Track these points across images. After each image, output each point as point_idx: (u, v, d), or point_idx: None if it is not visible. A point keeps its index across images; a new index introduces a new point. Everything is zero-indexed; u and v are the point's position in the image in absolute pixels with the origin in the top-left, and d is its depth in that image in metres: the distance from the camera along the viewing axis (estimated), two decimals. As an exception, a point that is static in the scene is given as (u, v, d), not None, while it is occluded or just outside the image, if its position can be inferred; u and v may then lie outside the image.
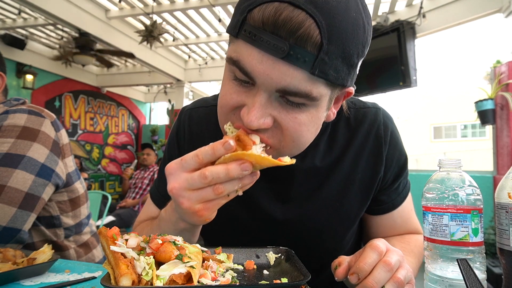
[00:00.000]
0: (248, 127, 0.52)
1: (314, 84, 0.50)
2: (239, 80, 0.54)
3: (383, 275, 0.51)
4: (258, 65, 0.49)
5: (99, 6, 4.28)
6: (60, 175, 0.99)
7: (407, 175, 0.83)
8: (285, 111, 0.53)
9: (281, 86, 0.50)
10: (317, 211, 0.75)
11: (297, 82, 0.49)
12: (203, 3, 4.00)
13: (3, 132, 0.92)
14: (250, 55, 0.50)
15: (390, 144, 0.75)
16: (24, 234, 0.89)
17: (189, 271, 0.48)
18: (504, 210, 0.52)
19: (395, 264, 0.52)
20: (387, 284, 0.51)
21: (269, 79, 0.50)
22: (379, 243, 0.54)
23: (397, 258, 0.53)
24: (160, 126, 7.68)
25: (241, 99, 0.54)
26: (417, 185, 3.62)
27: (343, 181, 0.74)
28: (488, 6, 3.41)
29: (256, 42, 0.48)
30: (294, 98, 0.52)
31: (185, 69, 6.47)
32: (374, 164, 0.74)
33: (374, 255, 0.53)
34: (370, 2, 4.07)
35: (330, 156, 0.74)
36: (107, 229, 0.53)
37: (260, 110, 0.51)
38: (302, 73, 0.49)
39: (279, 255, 0.67)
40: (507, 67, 3.24)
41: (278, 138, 0.56)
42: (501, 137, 3.35)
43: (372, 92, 4.31)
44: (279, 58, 0.48)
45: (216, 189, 0.49)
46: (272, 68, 0.49)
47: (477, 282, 0.47)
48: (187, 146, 0.81)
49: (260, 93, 0.52)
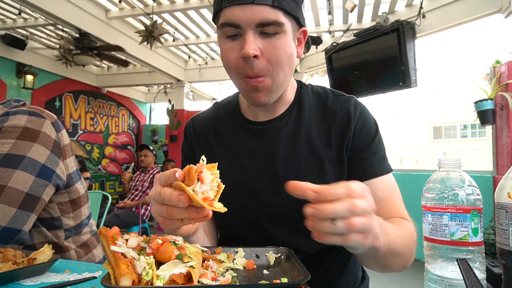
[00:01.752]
0: (246, 55, 0.70)
1: (277, 13, 0.71)
2: (230, 36, 0.74)
3: (343, 212, 0.46)
4: (239, 14, 0.70)
5: (99, 6, 4.28)
6: (60, 176, 0.99)
7: (380, 152, 0.85)
8: (265, 41, 0.72)
9: (258, 20, 0.70)
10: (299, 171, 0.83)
11: (267, 14, 0.70)
12: (203, 3, 4.01)
13: (4, 133, 0.92)
14: (232, 12, 0.70)
15: (360, 117, 0.84)
16: (24, 235, 0.89)
17: (189, 271, 0.49)
18: (504, 210, 0.52)
19: (359, 210, 0.47)
20: (340, 221, 0.46)
21: (249, 19, 0.70)
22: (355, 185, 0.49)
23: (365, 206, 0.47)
24: (161, 126, 7.68)
25: (237, 50, 0.74)
26: (417, 185, 3.62)
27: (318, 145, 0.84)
28: (488, 6, 3.41)
29: (233, 2, 0.70)
30: (269, 28, 0.71)
31: (185, 69, 6.48)
32: (345, 132, 0.83)
33: (344, 190, 0.47)
34: (370, 2, 4.07)
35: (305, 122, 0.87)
36: (107, 229, 0.53)
37: (251, 43, 0.70)
38: (267, 8, 0.70)
39: (279, 255, 0.67)
40: (506, 67, 3.24)
41: (266, 65, 0.73)
42: (500, 137, 3.35)
43: (372, 92, 4.31)
44: (250, 3, 0.69)
45: (167, 209, 0.54)
46: (248, 11, 0.69)
47: (477, 282, 0.47)
48: (194, 143, 0.96)
49: (247, 32, 0.71)
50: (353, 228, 0.47)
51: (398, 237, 0.65)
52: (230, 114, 0.94)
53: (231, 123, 0.93)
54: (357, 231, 0.48)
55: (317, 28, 4.72)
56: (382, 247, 0.56)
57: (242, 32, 0.72)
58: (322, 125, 0.85)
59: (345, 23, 4.58)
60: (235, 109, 0.94)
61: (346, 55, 4.41)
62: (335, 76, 4.63)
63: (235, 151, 0.89)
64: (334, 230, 0.47)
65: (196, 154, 0.95)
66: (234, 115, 0.93)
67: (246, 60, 0.72)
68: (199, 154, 0.93)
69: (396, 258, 0.66)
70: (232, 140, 0.91)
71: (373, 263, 0.68)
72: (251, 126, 0.89)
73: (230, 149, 0.90)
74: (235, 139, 0.90)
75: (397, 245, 0.64)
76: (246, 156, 0.87)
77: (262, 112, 0.88)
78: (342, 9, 4.14)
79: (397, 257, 0.66)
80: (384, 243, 0.57)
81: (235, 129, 0.91)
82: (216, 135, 0.93)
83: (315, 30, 4.72)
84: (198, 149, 0.94)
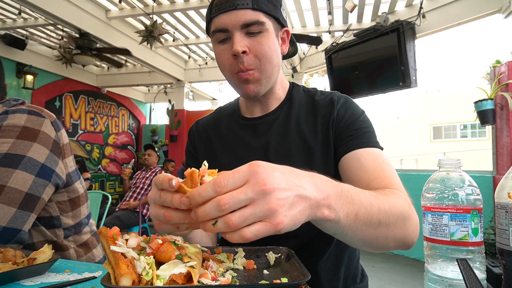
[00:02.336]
0: (235, 52, 0.80)
1: (257, 14, 0.81)
2: (222, 41, 0.84)
3: (212, 212, 0.43)
4: (225, 20, 0.81)
5: (99, 6, 4.28)
6: (60, 175, 0.99)
7: (366, 129, 0.86)
8: (251, 40, 0.82)
9: (242, 22, 0.80)
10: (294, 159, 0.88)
11: (248, 16, 0.80)
12: (203, 4, 4.01)
13: (3, 132, 0.92)
14: (219, 19, 0.82)
15: (343, 104, 0.90)
16: (24, 234, 0.89)
17: (189, 271, 0.49)
18: (504, 210, 0.52)
19: (233, 204, 0.42)
20: (219, 221, 0.43)
21: (234, 22, 0.80)
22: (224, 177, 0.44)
23: (242, 197, 0.43)
24: (160, 126, 7.68)
25: (228, 51, 0.83)
26: (417, 185, 3.62)
27: (308, 132, 0.91)
28: (488, 6, 3.42)
29: (219, 11, 0.81)
30: (253, 28, 0.81)
31: (185, 69, 6.48)
32: (329, 117, 0.89)
33: (211, 190, 0.44)
34: (370, 2, 4.07)
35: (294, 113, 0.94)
36: (107, 229, 0.53)
37: (238, 42, 0.80)
38: (249, 11, 0.80)
39: (279, 255, 0.67)
40: (506, 67, 3.24)
41: (254, 60, 0.83)
42: (500, 137, 3.35)
43: (372, 92, 4.31)
44: (233, 9, 0.80)
45: (165, 213, 0.51)
46: (233, 16, 0.80)
47: (477, 282, 0.47)
48: (197, 143, 1.04)
49: (234, 34, 0.81)
50: (232, 225, 0.42)
51: (376, 205, 0.58)
52: (230, 115, 1.03)
53: (230, 121, 1.02)
54: (237, 226, 0.43)
55: (317, 28, 4.72)
56: (342, 219, 0.52)
57: (230, 35, 0.82)
58: (310, 115, 0.93)
59: (345, 23, 4.58)
60: (235, 110, 1.03)
61: (346, 55, 4.41)
62: (335, 76, 4.63)
63: (232, 144, 0.97)
64: (217, 231, 0.44)
65: (198, 153, 1.03)
66: (234, 116, 1.02)
67: (236, 57, 0.81)
68: (201, 152, 1.02)
69: (377, 228, 0.59)
70: (230, 135, 0.99)
71: (348, 238, 0.60)
72: (247, 122, 0.98)
73: (228, 143, 0.98)
74: (233, 134, 0.99)
75: (372, 213, 0.57)
76: (243, 147, 0.95)
77: (257, 109, 0.97)
78: (342, 9, 4.14)
79: (378, 227, 0.59)
80: (347, 212, 0.53)
81: (233, 126, 1.00)
82: (216, 133, 1.02)
83: (315, 30, 4.72)
84: (201, 148, 1.03)
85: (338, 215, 0.52)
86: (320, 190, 0.49)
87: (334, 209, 0.51)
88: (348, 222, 0.54)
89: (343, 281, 0.91)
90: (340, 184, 0.55)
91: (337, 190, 0.53)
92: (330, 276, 0.89)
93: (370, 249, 0.66)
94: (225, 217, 0.43)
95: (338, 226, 0.54)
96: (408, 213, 0.66)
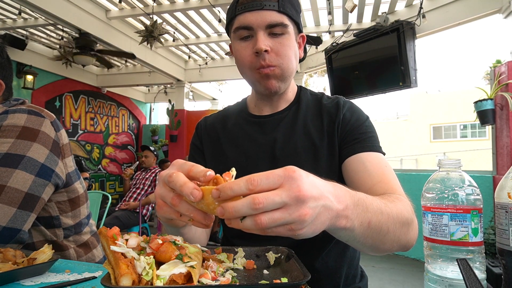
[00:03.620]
0: (259, 50, 0.83)
1: (282, 17, 0.85)
2: (243, 38, 0.87)
3: (243, 209, 0.42)
4: (251, 18, 0.84)
5: (99, 6, 4.28)
6: (60, 175, 0.99)
7: (370, 134, 0.89)
8: (273, 40, 0.85)
9: (267, 22, 0.83)
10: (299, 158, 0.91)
11: (274, 17, 0.84)
12: (203, 4, 4.01)
13: (3, 132, 0.92)
14: (245, 17, 0.85)
15: (348, 108, 0.94)
16: (24, 234, 0.89)
17: (189, 271, 0.49)
18: (504, 210, 0.52)
19: (266, 205, 0.42)
20: (247, 219, 0.43)
21: (260, 21, 0.83)
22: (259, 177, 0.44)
23: (277, 200, 0.42)
24: (161, 126, 7.67)
25: (250, 48, 0.86)
26: (417, 185, 3.62)
27: (314, 132, 0.93)
28: (488, 6, 3.41)
29: (245, 9, 0.84)
30: (276, 29, 0.84)
31: (185, 69, 6.48)
32: (334, 120, 0.92)
33: (243, 186, 0.43)
34: (370, 2, 4.07)
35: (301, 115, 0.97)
36: (107, 229, 0.53)
37: (262, 41, 0.83)
38: (274, 12, 0.84)
39: (279, 255, 0.67)
40: (506, 67, 3.24)
41: (276, 58, 0.86)
42: (500, 137, 3.35)
43: (372, 92, 4.31)
44: (260, 9, 0.83)
45: (173, 198, 0.50)
46: (259, 15, 0.83)
47: (477, 282, 0.47)
48: (204, 137, 1.06)
49: (258, 32, 0.84)
50: (260, 225, 0.42)
51: (385, 213, 0.60)
52: (238, 112, 1.06)
53: (238, 118, 1.04)
54: (266, 226, 0.43)
55: (317, 28, 4.72)
56: (357, 227, 0.53)
57: (254, 33, 0.85)
58: (316, 117, 0.96)
59: (345, 23, 4.58)
60: (243, 108, 1.06)
61: (346, 55, 4.41)
62: (335, 76, 4.63)
63: (239, 139, 0.99)
64: (243, 228, 0.44)
65: (204, 147, 1.05)
66: (242, 113, 1.05)
67: (258, 54, 0.84)
68: (207, 145, 1.04)
69: (386, 235, 0.61)
70: (237, 130, 1.01)
71: (358, 244, 0.61)
72: (255, 119, 1.00)
73: (235, 138, 1.00)
74: (240, 130, 1.01)
75: (382, 221, 0.59)
76: (249, 143, 0.97)
77: (267, 108, 1.00)
78: (342, 9, 4.14)
79: (387, 233, 0.61)
80: (361, 221, 0.54)
81: (241, 122, 1.02)
82: (224, 129, 1.04)
83: (315, 30, 4.72)
84: (208, 142, 1.05)
85: (353, 224, 0.53)
86: (341, 201, 0.50)
87: (351, 218, 0.52)
88: (361, 230, 0.55)
89: (344, 280, 0.92)
90: (357, 193, 0.56)
91: (354, 200, 0.54)
92: (331, 273, 0.90)
93: (375, 252, 0.68)
94: (255, 216, 0.43)
95: (352, 234, 0.55)
96: (411, 219, 0.68)
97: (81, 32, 4.20)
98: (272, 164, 0.92)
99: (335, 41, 4.54)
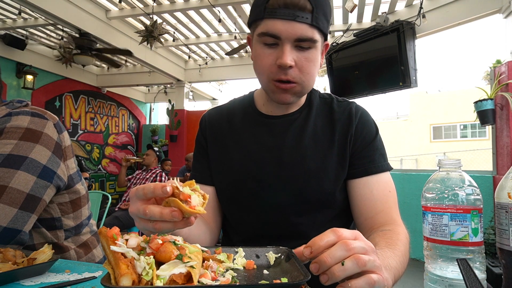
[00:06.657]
0: (283, 65, 0.78)
1: (313, 32, 0.79)
2: (268, 44, 0.81)
3: (339, 252, 0.46)
4: (280, 27, 0.77)
5: (99, 6, 4.28)
6: (61, 177, 0.99)
7: (381, 150, 0.92)
8: (299, 54, 0.80)
9: (297, 36, 0.78)
10: None
11: (305, 31, 0.78)
12: (203, 4, 4.01)
13: (6, 134, 0.92)
14: (274, 24, 0.78)
15: (360, 118, 0.93)
16: (24, 235, 0.89)
17: (189, 271, 0.49)
18: (504, 210, 0.52)
19: (357, 247, 0.47)
20: (347, 260, 0.46)
21: (289, 33, 0.77)
22: (341, 229, 0.50)
23: (361, 244, 0.47)
24: (161, 126, 7.67)
25: (272, 57, 0.81)
26: (417, 185, 3.62)
27: (324, 141, 0.92)
28: (488, 6, 3.41)
29: (276, 16, 0.77)
30: (304, 43, 0.79)
31: (185, 69, 6.48)
32: (347, 130, 0.91)
33: (332, 235, 0.49)
34: (370, 2, 4.07)
35: (311, 123, 0.95)
36: (107, 229, 0.53)
37: (288, 54, 0.78)
38: (306, 26, 0.78)
39: (279, 255, 0.67)
40: (506, 67, 3.24)
41: (298, 74, 0.82)
42: (500, 137, 3.35)
43: (372, 92, 4.31)
44: (292, 20, 0.77)
45: (155, 225, 0.57)
46: (290, 26, 0.77)
47: (477, 282, 0.47)
48: (208, 134, 1.02)
49: (285, 44, 0.79)
50: (362, 261, 0.45)
51: (400, 262, 0.65)
52: (245, 108, 1.01)
53: (245, 115, 1.00)
54: (366, 264, 0.46)
55: (317, 28, 4.71)
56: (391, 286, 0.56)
57: (280, 43, 0.80)
58: (327, 123, 0.94)
59: (345, 23, 4.58)
60: (250, 104, 1.01)
61: (346, 55, 4.41)
62: (335, 76, 4.63)
63: (245, 140, 0.96)
64: (347, 271, 0.46)
65: (208, 145, 1.01)
66: (249, 109, 1.00)
67: (281, 68, 0.80)
68: (211, 144, 1.00)
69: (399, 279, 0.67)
70: (243, 130, 0.97)
71: None
72: (264, 119, 0.97)
73: (241, 138, 0.97)
74: (246, 130, 0.97)
75: (400, 270, 0.64)
76: (256, 145, 0.94)
77: (277, 109, 0.96)
78: (342, 9, 4.14)
79: (400, 278, 0.67)
80: (393, 280, 0.58)
81: (248, 121, 0.98)
82: (229, 126, 1.00)
83: (315, 30, 4.72)
84: (212, 140, 1.01)
85: (390, 283, 0.55)
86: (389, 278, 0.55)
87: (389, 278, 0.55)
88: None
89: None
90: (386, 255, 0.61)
91: (385, 263, 0.57)
92: None
93: None
94: (354, 255, 0.46)
95: None
96: (409, 248, 0.74)
97: (81, 32, 4.20)
98: (279, 168, 0.90)
99: (335, 41, 4.54)
